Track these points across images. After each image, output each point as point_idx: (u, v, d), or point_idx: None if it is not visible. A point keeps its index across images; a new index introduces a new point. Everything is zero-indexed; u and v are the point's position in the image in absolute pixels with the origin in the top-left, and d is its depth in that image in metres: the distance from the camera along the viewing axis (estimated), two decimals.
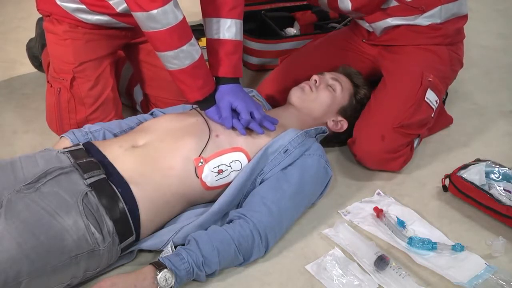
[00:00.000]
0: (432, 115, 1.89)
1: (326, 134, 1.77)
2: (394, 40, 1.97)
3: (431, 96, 1.85)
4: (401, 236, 1.54)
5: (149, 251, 1.48)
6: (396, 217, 1.61)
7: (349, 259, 1.49)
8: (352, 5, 1.90)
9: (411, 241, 1.53)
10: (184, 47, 1.52)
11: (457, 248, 1.51)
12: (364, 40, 2.05)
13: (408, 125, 1.80)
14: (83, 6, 1.74)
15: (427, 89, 1.84)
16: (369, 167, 1.85)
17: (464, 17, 1.97)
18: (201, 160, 1.50)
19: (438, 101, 1.88)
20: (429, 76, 1.86)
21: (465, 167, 1.75)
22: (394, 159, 1.81)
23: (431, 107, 1.86)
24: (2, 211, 1.28)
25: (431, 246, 1.51)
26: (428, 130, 1.96)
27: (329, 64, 1.99)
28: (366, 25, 2.01)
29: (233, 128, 1.59)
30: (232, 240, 1.41)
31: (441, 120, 2.05)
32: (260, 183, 1.56)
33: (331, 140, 1.87)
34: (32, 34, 2.31)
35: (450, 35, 1.95)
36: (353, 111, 1.85)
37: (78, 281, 1.35)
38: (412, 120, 1.80)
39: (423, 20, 1.91)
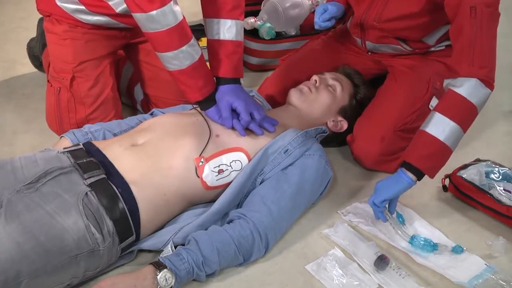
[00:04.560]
0: None
1: (326, 134, 1.77)
2: (403, 54, 1.95)
3: (435, 104, 1.83)
4: (404, 234, 1.54)
5: (149, 251, 1.48)
6: (396, 211, 1.60)
7: (349, 259, 1.49)
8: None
9: (412, 240, 1.52)
10: (183, 48, 1.52)
11: (457, 250, 1.51)
12: (369, 53, 2.03)
13: (409, 129, 1.79)
14: (82, 7, 1.74)
15: (432, 96, 1.84)
16: (364, 166, 1.85)
17: None
18: (202, 160, 1.50)
19: None
20: (436, 83, 1.85)
21: (465, 167, 1.75)
22: (390, 161, 1.81)
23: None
24: (2, 211, 1.28)
25: (432, 248, 1.51)
26: None
27: (330, 64, 1.99)
28: (370, 46, 1.99)
29: (233, 128, 1.59)
30: (232, 240, 1.41)
31: None
32: (260, 183, 1.56)
33: (331, 140, 1.86)
34: (32, 34, 2.31)
35: None
36: (353, 111, 1.85)
37: (78, 281, 1.35)
38: (414, 125, 1.79)
39: (438, 47, 1.91)
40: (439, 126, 1.48)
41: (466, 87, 1.49)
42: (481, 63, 1.50)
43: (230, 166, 1.54)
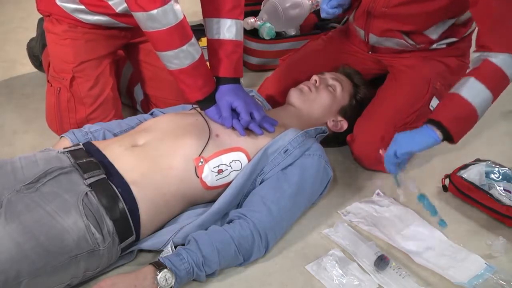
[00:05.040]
0: None
1: (326, 134, 1.77)
2: (404, 53, 1.95)
3: (435, 104, 1.84)
4: (415, 187, 1.54)
5: (149, 251, 1.48)
6: None
7: (349, 259, 1.49)
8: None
9: (422, 197, 1.53)
10: (184, 47, 1.52)
11: (442, 224, 1.53)
12: (369, 52, 2.03)
13: (409, 129, 1.79)
14: (82, 7, 1.74)
15: (433, 96, 1.84)
16: (364, 166, 1.85)
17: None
18: (201, 160, 1.50)
19: None
20: (436, 83, 1.85)
21: (465, 167, 1.75)
22: None
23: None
24: (2, 211, 1.28)
25: (434, 212, 1.53)
26: None
27: (330, 64, 1.99)
28: (373, 40, 2.00)
29: (233, 128, 1.59)
30: (232, 240, 1.41)
31: None
32: (260, 183, 1.56)
33: (331, 140, 1.86)
34: (32, 34, 2.31)
35: (462, 48, 1.94)
36: (353, 111, 1.85)
37: (78, 281, 1.35)
38: (414, 125, 1.79)
39: (440, 45, 1.91)
40: (472, 91, 1.50)
41: (501, 59, 1.50)
42: None
43: (230, 166, 1.54)
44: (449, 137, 1.52)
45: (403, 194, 1.56)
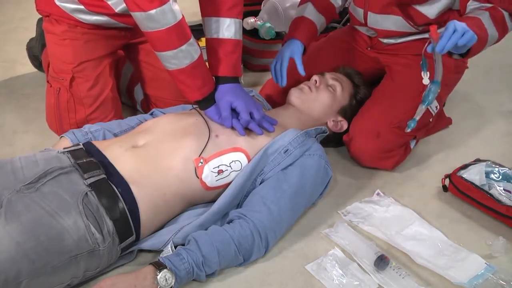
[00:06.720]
0: (430, 120, 1.89)
1: (326, 134, 1.77)
2: (402, 49, 1.95)
3: (432, 102, 1.84)
4: (439, 64, 1.56)
5: (149, 251, 1.48)
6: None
7: (349, 259, 1.49)
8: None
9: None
10: (183, 47, 1.52)
11: (412, 123, 1.60)
12: (368, 48, 2.03)
13: (405, 127, 1.79)
14: (82, 7, 1.74)
15: None
16: (362, 164, 1.85)
17: None
18: (201, 160, 1.50)
19: (438, 107, 1.88)
20: None
21: (465, 167, 1.75)
22: (387, 158, 1.82)
23: (431, 113, 1.86)
24: (2, 211, 1.28)
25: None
26: (426, 132, 1.96)
27: (330, 64, 1.99)
28: (370, 32, 2.00)
29: (232, 128, 1.59)
30: (232, 240, 1.41)
31: (440, 121, 2.05)
32: (260, 183, 1.56)
33: (331, 140, 1.86)
34: (32, 34, 2.32)
35: None
36: (353, 111, 1.85)
37: (78, 281, 1.35)
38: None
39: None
40: (489, 24, 1.62)
41: (505, 12, 1.66)
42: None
43: (230, 166, 1.54)
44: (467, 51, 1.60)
45: (427, 77, 1.59)
